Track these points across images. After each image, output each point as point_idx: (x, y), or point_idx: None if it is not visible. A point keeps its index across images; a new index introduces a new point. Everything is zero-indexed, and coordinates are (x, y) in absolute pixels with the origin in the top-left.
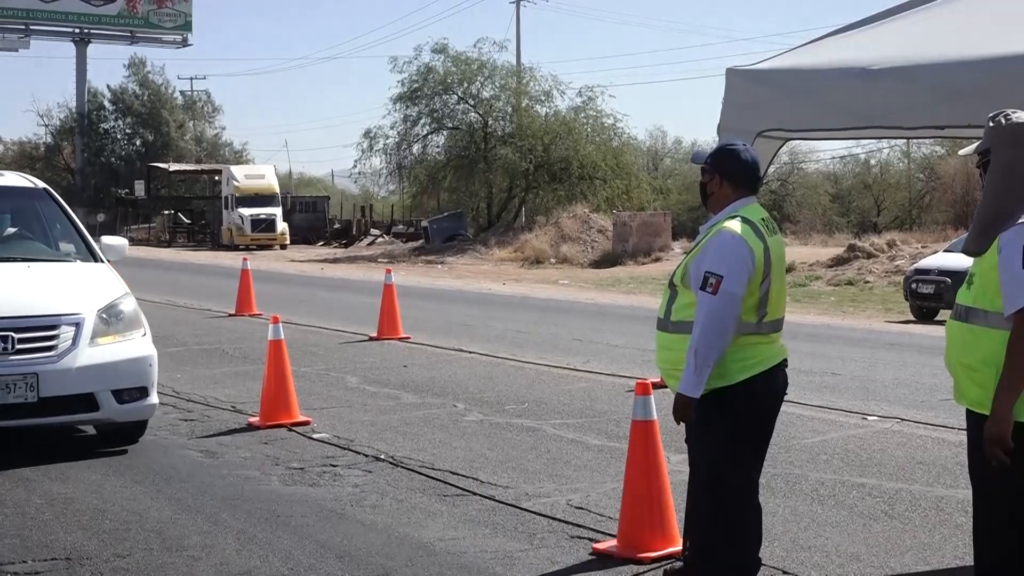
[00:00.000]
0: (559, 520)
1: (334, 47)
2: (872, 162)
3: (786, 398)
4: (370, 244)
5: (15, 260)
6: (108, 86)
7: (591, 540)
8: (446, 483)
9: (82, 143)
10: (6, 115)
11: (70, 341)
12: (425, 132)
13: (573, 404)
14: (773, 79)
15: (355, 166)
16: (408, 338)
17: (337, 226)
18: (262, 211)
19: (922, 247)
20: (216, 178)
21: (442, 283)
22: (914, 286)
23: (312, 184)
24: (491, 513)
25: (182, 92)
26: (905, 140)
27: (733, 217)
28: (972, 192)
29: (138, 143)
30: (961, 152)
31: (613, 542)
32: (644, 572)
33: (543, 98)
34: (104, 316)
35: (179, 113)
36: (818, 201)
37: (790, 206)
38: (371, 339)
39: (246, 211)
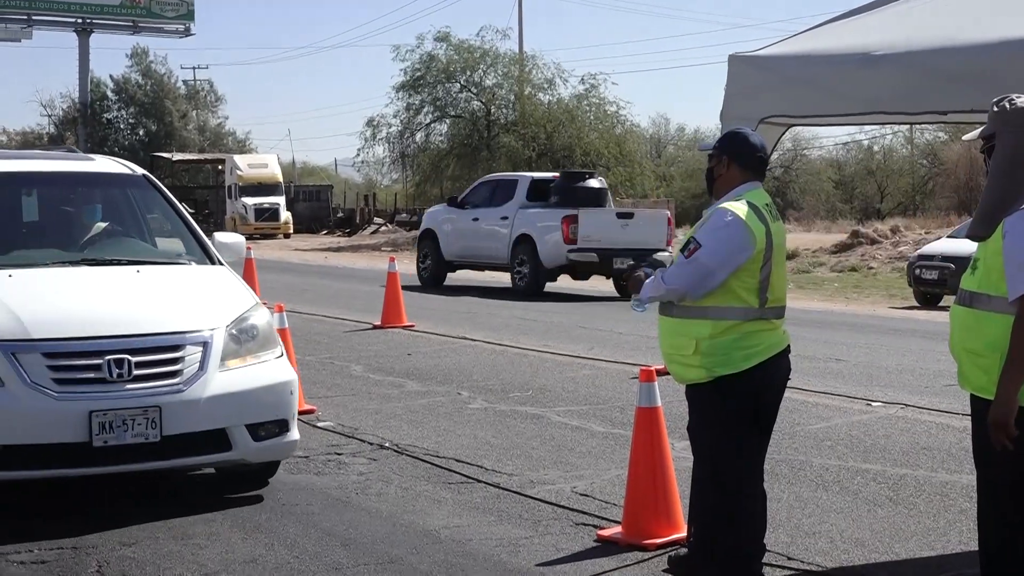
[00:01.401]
0: (564, 507)
1: (337, 36)
2: (875, 148)
3: (790, 384)
4: (373, 233)
5: (119, 262)
6: (111, 76)
7: (596, 527)
8: (451, 471)
9: (85, 133)
10: (9, 105)
11: (197, 365)
12: (428, 120)
13: (577, 391)
14: (776, 65)
15: (358, 155)
16: (412, 326)
17: (340, 215)
18: (265, 200)
19: (925, 233)
20: (219, 168)
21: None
22: (918, 272)
23: (315, 173)
24: (496, 500)
25: (185, 82)
26: (908, 126)
27: (738, 199)
28: (976, 178)
29: (141, 133)
30: (965, 137)
31: (618, 529)
32: (649, 558)
33: (546, 86)
34: (234, 333)
35: (182, 103)
36: (821, 188)
37: (793, 192)
38: (375, 327)
39: (250, 200)
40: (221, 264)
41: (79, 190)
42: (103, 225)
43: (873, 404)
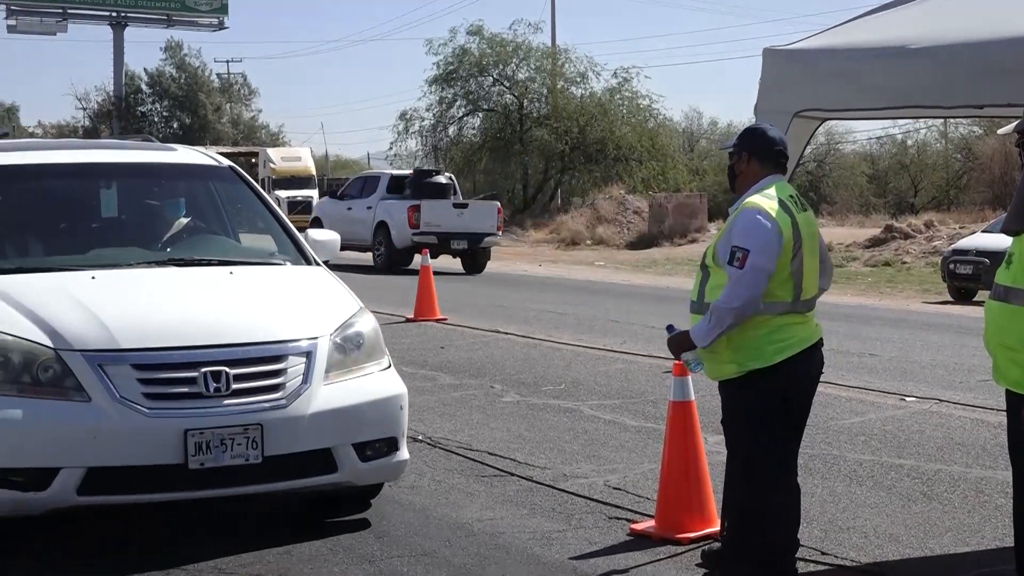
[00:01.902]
0: (597, 501)
1: (370, 29)
2: (909, 143)
3: (824, 379)
4: None
5: (209, 263)
6: (145, 69)
7: (629, 521)
8: (484, 464)
9: (119, 126)
10: (45, 99)
11: (300, 378)
12: (461, 114)
13: (610, 385)
14: (810, 59)
15: (391, 148)
16: (445, 320)
17: None
18: (298, 193)
19: (960, 227)
20: (252, 160)
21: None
22: (952, 267)
23: (348, 166)
24: (529, 494)
25: (218, 75)
26: (942, 120)
27: (760, 193)
28: (1010, 172)
29: (175, 126)
30: (1000, 131)
31: (651, 523)
32: (682, 553)
33: (578, 80)
34: (338, 341)
35: (216, 96)
36: (855, 182)
37: (827, 187)
38: (408, 320)
39: (283, 193)
40: (318, 264)
41: (162, 183)
42: (184, 221)
43: (907, 399)
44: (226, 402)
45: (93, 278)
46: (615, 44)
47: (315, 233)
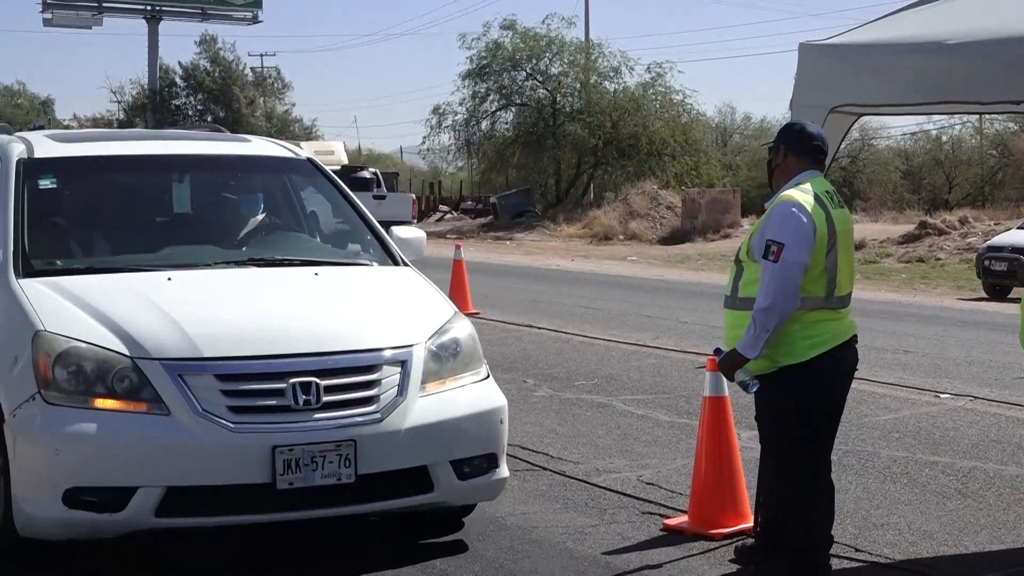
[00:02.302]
0: (629, 496)
1: (403, 23)
2: (943, 139)
3: (858, 375)
4: (439, 220)
5: (291, 263)
6: (179, 63)
7: (662, 516)
8: (516, 458)
9: (154, 119)
10: (80, 92)
11: (395, 389)
12: (494, 108)
13: (643, 380)
14: (847, 54)
15: (424, 142)
16: (478, 314)
17: None
18: None
19: (994, 224)
20: None
21: (511, 259)
22: (987, 263)
23: (381, 160)
24: (561, 488)
25: (252, 68)
26: (977, 116)
27: (796, 188)
28: None
29: (209, 119)
30: None
31: (684, 518)
32: (715, 548)
33: (611, 74)
34: (434, 349)
35: (249, 89)
36: (888, 178)
37: (860, 183)
38: None
39: None
40: (405, 264)
41: (238, 176)
42: (259, 218)
43: (941, 396)
44: (316, 416)
45: (169, 279)
46: (649, 39)
47: (400, 231)
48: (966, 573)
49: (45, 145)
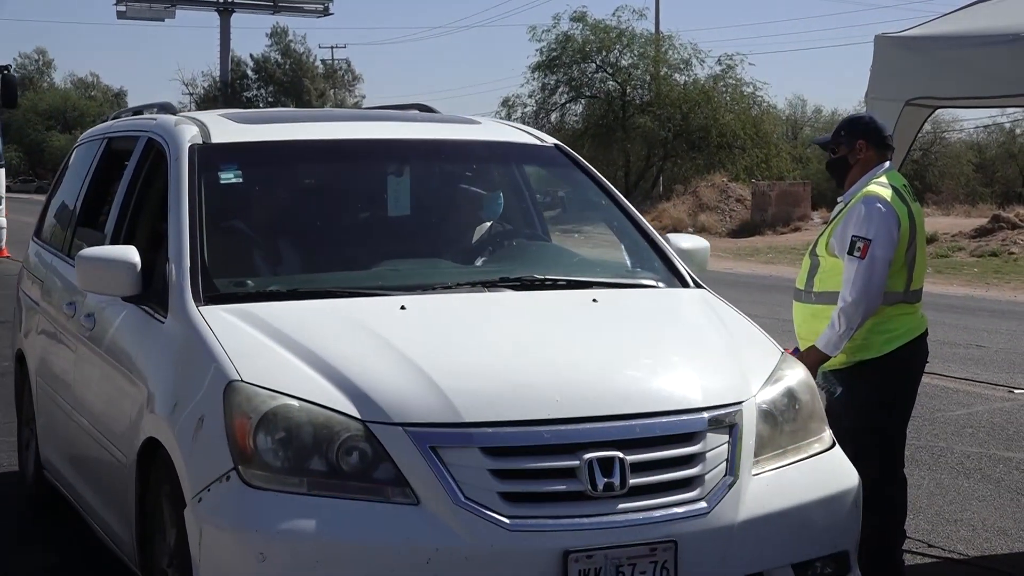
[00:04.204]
0: None
1: (473, 16)
2: (1017, 131)
3: (930, 370)
4: None
5: (556, 284)
6: (251, 55)
7: None
8: None
9: None
10: (153, 84)
11: (723, 466)
12: (563, 101)
13: None
14: (923, 46)
15: None
16: None
17: None
18: None
19: None
20: None
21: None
22: None
23: None
24: None
25: (323, 61)
26: None
27: (877, 182)
28: None
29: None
30: None
31: None
32: None
33: (682, 66)
34: (766, 408)
35: (320, 82)
36: (961, 171)
37: (932, 176)
38: None
39: None
40: (699, 286)
41: (473, 167)
42: (488, 223)
43: (1015, 391)
44: (622, 506)
45: (403, 308)
46: (719, 31)
47: (679, 239)
48: None
49: (224, 127)
